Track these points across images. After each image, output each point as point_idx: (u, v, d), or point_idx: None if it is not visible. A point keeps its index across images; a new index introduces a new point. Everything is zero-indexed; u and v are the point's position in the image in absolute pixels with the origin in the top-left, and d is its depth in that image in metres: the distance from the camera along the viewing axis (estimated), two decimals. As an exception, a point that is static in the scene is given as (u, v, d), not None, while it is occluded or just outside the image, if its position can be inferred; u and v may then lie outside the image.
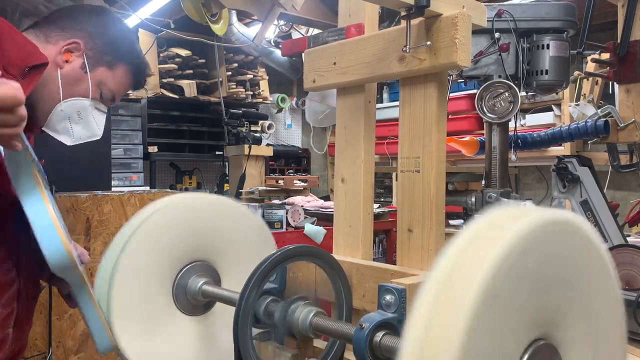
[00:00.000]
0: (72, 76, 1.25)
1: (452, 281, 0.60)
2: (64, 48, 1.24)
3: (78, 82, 1.26)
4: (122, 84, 1.34)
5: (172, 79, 4.74)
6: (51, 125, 1.26)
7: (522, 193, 4.91)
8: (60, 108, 1.25)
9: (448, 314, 0.58)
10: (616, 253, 1.84)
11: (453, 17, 1.09)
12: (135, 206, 2.28)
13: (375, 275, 1.20)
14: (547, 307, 0.66)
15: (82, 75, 1.26)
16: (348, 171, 1.37)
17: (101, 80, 1.29)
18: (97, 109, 1.31)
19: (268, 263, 1.02)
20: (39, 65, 1.17)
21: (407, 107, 1.22)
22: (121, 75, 1.32)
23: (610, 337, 0.74)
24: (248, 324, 1.01)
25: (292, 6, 2.59)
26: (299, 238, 2.85)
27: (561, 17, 1.82)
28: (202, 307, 1.25)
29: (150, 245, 1.16)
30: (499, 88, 1.78)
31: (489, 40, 1.80)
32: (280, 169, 5.98)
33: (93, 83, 1.28)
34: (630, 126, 2.14)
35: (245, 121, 4.25)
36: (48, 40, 1.24)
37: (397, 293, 0.92)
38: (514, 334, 0.63)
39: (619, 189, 4.32)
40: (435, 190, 1.18)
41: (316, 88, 1.43)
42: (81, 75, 1.26)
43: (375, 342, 0.87)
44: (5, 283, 1.16)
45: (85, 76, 1.26)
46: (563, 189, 2.10)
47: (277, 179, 3.84)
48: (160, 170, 5.13)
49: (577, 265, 0.69)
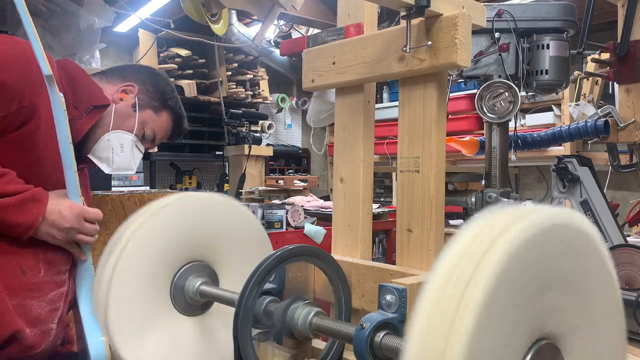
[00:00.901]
0: (123, 112, 1.43)
1: (455, 282, 0.60)
2: (121, 88, 1.45)
3: (127, 118, 1.44)
4: (163, 128, 1.52)
5: (172, 79, 4.73)
6: (96, 152, 1.42)
7: (522, 193, 4.91)
8: (107, 137, 1.41)
9: (451, 315, 0.58)
10: (616, 253, 1.84)
11: (453, 17, 1.09)
12: (135, 206, 2.28)
13: (374, 275, 1.20)
14: (549, 307, 0.66)
15: (132, 113, 1.45)
16: (347, 171, 1.37)
17: (146, 121, 1.47)
18: (137, 147, 1.47)
19: (267, 263, 1.02)
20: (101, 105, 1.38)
21: (407, 107, 1.22)
22: (164, 120, 1.51)
23: (610, 336, 0.74)
24: (248, 324, 1.01)
25: (292, 6, 2.59)
26: (299, 238, 2.84)
27: (561, 17, 1.82)
28: (200, 308, 1.24)
29: (147, 246, 1.16)
30: (499, 88, 1.78)
31: (489, 40, 1.80)
32: (280, 169, 5.98)
33: (139, 121, 1.45)
34: (630, 126, 2.14)
35: (245, 121, 4.25)
36: (109, 82, 1.46)
37: (397, 293, 0.92)
38: (517, 334, 0.63)
39: (619, 189, 4.32)
40: (435, 190, 1.18)
41: (315, 88, 1.42)
42: (131, 112, 1.44)
43: (376, 342, 0.87)
44: (55, 282, 1.29)
45: (134, 114, 1.45)
46: (563, 189, 2.10)
47: (277, 179, 3.84)
48: (160, 170, 5.13)
49: (578, 265, 0.69)
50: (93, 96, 1.38)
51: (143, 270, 1.15)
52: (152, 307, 1.17)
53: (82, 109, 1.34)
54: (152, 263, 1.17)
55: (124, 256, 1.12)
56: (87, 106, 1.35)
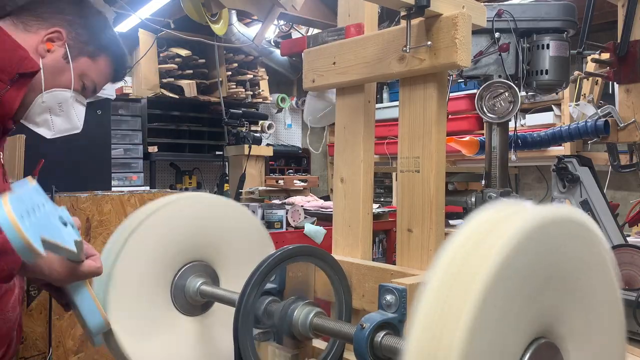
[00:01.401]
0: (54, 66, 1.21)
1: (453, 281, 0.60)
2: (46, 37, 1.19)
3: (60, 72, 1.22)
4: (103, 74, 1.29)
5: (172, 79, 4.74)
6: (30, 117, 1.22)
7: (522, 193, 4.91)
8: (41, 99, 1.20)
9: (449, 314, 0.58)
10: (616, 253, 1.84)
11: (453, 17, 1.09)
12: (135, 206, 2.28)
13: (374, 275, 1.20)
14: (548, 305, 0.66)
15: (65, 65, 1.22)
16: (347, 171, 1.37)
17: (83, 71, 1.25)
18: (77, 101, 1.27)
19: (268, 263, 1.02)
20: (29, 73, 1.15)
21: (407, 107, 1.22)
22: (103, 66, 1.28)
23: (610, 336, 0.74)
24: (248, 324, 1.01)
25: (292, 6, 2.59)
26: (299, 238, 2.84)
27: (561, 17, 1.82)
28: (201, 308, 1.24)
29: (148, 246, 1.16)
30: (499, 88, 1.78)
31: (489, 40, 1.80)
32: (280, 169, 5.98)
33: (75, 74, 1.23)
34: (630, 126, 2.14)
35: (245, 121, 4.25)
36: (27, 30, 1.19)
37: (397, 293, 0.92)
38: (515, 333, 0.63)
39: (619, 189, 4.32)
40: (435, 190, 1.18)
41: (315, 88, 1.43)
42: (63, 65, 1.22)
43: (376, 342, 0.87)
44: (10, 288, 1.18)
45: (67, 67, 1.22)
46: (563, 189, 2.10)
47: (277, 179, 3.84)
48: (160, 170, 5.13)
49: (578, 263, 0.69)
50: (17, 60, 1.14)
51: (143, 269, 1.15)
52: (153, 306, 1.17)
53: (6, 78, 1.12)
54: (152, 263, 1.17)
55: (123, 255, 1.12)
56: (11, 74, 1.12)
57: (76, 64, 1.23)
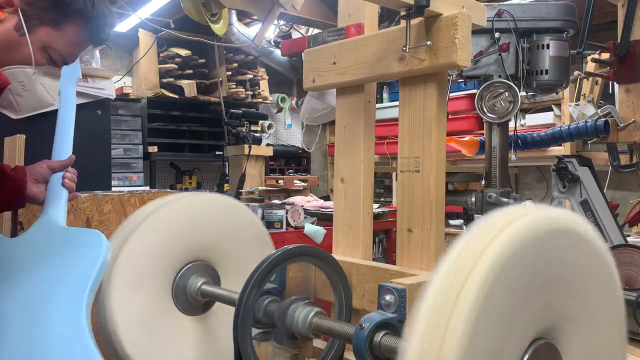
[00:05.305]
0: (6, 40, 1.03)
1: (452, 283, 0.60)
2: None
3: (16, 47, 1.04)
4: (75, 43, 1.10)
5: (172, 78, 4.74)
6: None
7: (522, 193, 4.91)
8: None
9: (449, 315, 0.58)
10: (616, 253, 1.84)
11: (453, 17, 1.09)
12: (135, 206, 2.28)
13: (375, 275, 1.20)
14: (547, 307, 0.66)
15: (19, 38, 1.03)
16: (348, 171, 1.37)
17: (45, 43, 1.06)
18: (46, 74, 1.10)
19: (268, 263, 1.02)
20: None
21: (407, 107, 1.22)
22: (72, 34, 1.08)
23: (610, 336, 0.74)
24: (248, 324, 1.01)
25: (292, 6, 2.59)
26: (299, 238, 2.84)
27: (561, 17, 1.82)
28: (201, 307, 1.25)
29: (149, 245, 1.16)
30: (499, 88, 1.78)
31: (489, 40, 1.80)
32: (280, 169, 5.97)
33: (35, 47, 1.05)
34: (630, 126, 2.14)
35: (245, 121, 4.25)
36: None
37: (397, 293, 0.92)
38: (514, 334, 0.63)
39: (619, 189, 4.32)
40: (435, 190, 1.18)
41: (316, 88, 1.42)
42: (17, 38, 1.03)
43: (375, 342, 0.87)
44: None
45: (23, 39, 1.03)
46: (563, 189, 2.10)
47: (277, 179, 3.84)
48: (160, 170, 5.12)
49: (576, 265, 0.69)
50: None
51: (144, 269, 1.15)
52: (154, 306, 1.17)
53: None
54: (153, 262, 1.17)
55: (124, 255, 1.12)
56: None
57: (35, 35, 1.04)
